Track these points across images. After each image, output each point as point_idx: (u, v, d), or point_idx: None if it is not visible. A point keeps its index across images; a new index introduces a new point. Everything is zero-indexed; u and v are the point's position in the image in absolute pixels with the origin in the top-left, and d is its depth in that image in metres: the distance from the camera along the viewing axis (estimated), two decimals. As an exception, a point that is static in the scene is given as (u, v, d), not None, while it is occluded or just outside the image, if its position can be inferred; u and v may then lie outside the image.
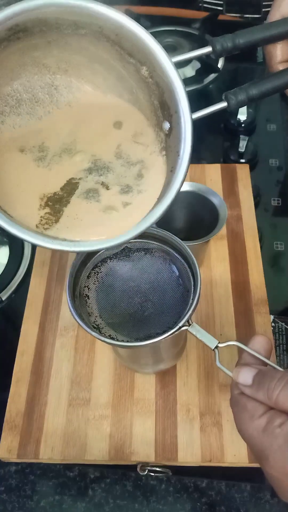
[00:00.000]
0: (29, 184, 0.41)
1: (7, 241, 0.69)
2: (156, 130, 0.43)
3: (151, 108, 0.42)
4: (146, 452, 0.49)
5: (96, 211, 0.41)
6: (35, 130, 0.43)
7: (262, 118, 0.85)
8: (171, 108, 0.40)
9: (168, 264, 0.47)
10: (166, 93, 0.39)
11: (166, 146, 0.43)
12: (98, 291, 0.46)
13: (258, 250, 0.64)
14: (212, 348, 0.41)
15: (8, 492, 0.50)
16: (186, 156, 0.39)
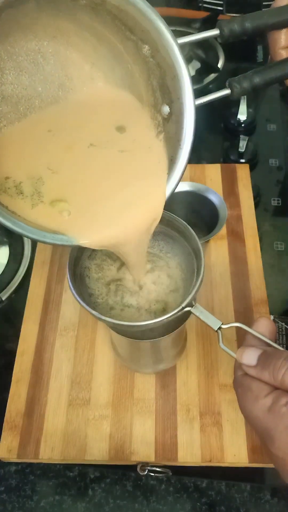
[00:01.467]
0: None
1: (7, 241, 0.69)
2: (152, 111, 0.41)
3: (147, 87, 0.40)
4: (146, 452, 0.49)
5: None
6: (20, 98, 0.40)
7: (262, 118, 0.85)
8: (173, 94, 0.37)
9: (171, 246, 0.46)
10: (168, 77, 0.37)
11: (164, 130, 0.40)
12: (99, 273, 0.45)
13: (258, 250, 0.64)
14: (215, 329, 0.40)
15: (8, 492, 0.50)
16: (188, 146, 0.37)
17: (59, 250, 0.65)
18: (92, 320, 0.59)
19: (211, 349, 0.56)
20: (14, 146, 0.40)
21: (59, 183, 0.39)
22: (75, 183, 0.39)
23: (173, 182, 0.39)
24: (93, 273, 0.45)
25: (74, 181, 0.39)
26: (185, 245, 0.45)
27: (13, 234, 0.70)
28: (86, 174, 0.39)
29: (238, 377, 0.37)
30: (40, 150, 0.40)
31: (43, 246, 0.66)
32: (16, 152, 0.39)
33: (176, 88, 0.37)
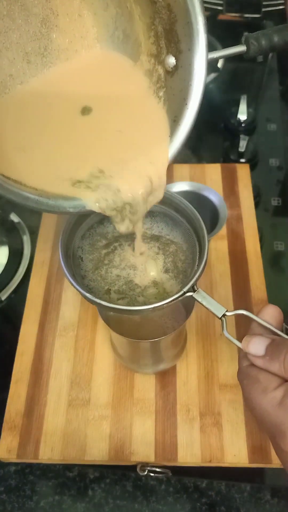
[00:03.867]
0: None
1: (7, 241, 0.69)
2: (151, 62, 0.36)
3: (149, 33, 0.35)
4: (146, 452, 0.49)
5: None
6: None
7: (262, 118, 0.85)
8: (182, 43, 0.33)
9: (171, 228, 0.43)
10: (179, 22, 0.32)
11: (166, 86, 0.36)
12: (93, 254, 0.42)
13: (258, 250, 0.64)
14: (219, 317, 0.37)
15: (7, 492, 0.50)
16: (195, 104, 0.33)
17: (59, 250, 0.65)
18: (92, 320, 0.59)
19: (211, 349, 0.56)
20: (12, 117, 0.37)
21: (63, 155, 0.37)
22: (79, 155, 0.37)
23: (175, 145, 0.35)
24: (86, 254, 0.42)
25: (76, 152, 0.37)
26: (187, 227, 0.42)
27: (13, 234, 0.70)
28: (86, 144, 0.37)
29: (243, 368, 0.35)
30: (39, 122, 0.38)
31: (43, 246, 0.66)
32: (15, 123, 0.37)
33: (187, 37, 0.32)
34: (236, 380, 0.53)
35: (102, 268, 0.42)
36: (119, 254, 0.43)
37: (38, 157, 0.36)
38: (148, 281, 0.42)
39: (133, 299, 0.41)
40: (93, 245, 0.43)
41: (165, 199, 0.42)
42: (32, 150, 0.36)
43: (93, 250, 0.43)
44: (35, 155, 0.36)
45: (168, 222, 0.44)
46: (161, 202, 0.42)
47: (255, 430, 0.50)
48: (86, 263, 0.42)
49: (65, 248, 0.40)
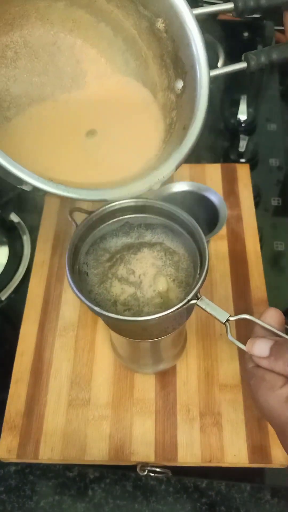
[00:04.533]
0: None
1: (7, 241, 0.69)
2: (165, 96, 0.41)
3: (161, 70, 0.41)
4: (146, 452, 0.49)
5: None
6: (31, 85, 0.41)
7: (262, 118, 0.85)
8: (186, 64, 0.38)
9: (171, 239, 0.45)
10: (181, 49, 0.38)
11: (177, 107, 0.41)
12: (98, 269, 0.44)
13: (258, 250, 0.64)
14: (223, 322, 0.38)
15: (7, 492, 0.50)
16: (202, 111, 0.38)
17: (58, 250, 0.65)
18: (92, 320, 0.59)
19: (211, 349, 0.56)
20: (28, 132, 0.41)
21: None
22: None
23: (188, 142, 0.39)
24: (91, 269, 0.44)
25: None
26: (186, 237, 0.44)
27: (13, 234, 0.70)
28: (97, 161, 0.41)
29: (249, 369, 0.37)
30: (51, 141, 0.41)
31: (43, 246, 0.66)
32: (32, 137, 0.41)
33: (190, 56, 0.37)
34: (236, 380, 0.53)
35: (107, 282, 0.44)
36: (122, 267, 0.44)
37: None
38: (153, 292, 0.43)
39: (139, 309, 0.42)
40: (97, 260, 0.45)
41: (165, 211, 0.44)
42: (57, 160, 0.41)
43: (97, 264, 0.44)
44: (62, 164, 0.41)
45: (168, 233, 0.46)
46: (161, 214, 0.44)
47: (255, 430, 0.50)
48: (92, 277, 0.43)
49: (72, 265, 0.41)
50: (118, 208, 0.44)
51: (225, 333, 0.38)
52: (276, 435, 0.49)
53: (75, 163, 0.40)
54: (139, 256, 0.45)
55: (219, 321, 0.38)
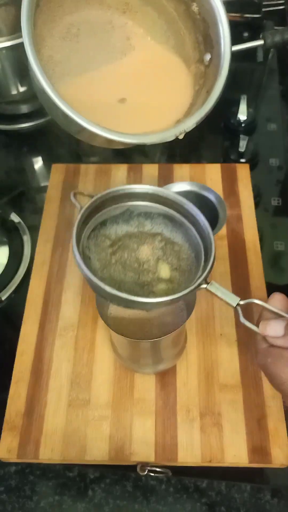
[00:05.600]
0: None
1: (7, 241, 0.69)
2: (197, 67, 0.51)
3: (195, 45, 0.51)
4: (146, 452, 0.49)
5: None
6: (87, 57, 0.50)
7: (262, 118, 0.85)
8: (214, 40, 0.48)
9: (170, 229, 0.47)
10: (211, 27, 0.48)
11: (205, 75, 0.50)
12: (100, 254, 0.45)
13: (258, 250, 0.64)
14: (234, 305, 0.40)
15: (8, 492, 0.50)
16: (223, 77, 0.47)
17: (59, 251, 0.65)
18: (92, 320, 0.59)
19: (211, 349, 0.56)
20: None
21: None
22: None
23: (210, 102, 0.47)
24: (93, 254, 0.45)
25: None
26: (188, 226, 0.45)
27: (13, 234, 0.70)
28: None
29: (264, 349, 0.39)
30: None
31: (43, 247, 0.66)
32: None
33: (217, 33, 0.47)
34: (236, 380, 0.53)
35: (110, 268, 0.44)
36: (125, 254, 0.45)
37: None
38: (157, 280, 0.44)
39: (145, 296, 0.42)
40: (98, 246, 0.45)
41: (167, 200, 0.45)
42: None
43: (99, 250, 0.45)
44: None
45: (167, 223, 0.47)
46: (163, 203, 0.46)
47: (255, 430, 0.50)
48: (94, 262, 0.44)
49: (78, 246, 0.42)
50: (121, 193, 0.46)
51: (237, 318, 0.40)
52: (276, 435, 0.49)
53: (112, 123, 0.46)
54: (140, 245, 0.45)
55: (230, 305, 0.40)
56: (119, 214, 0.47)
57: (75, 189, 0.61)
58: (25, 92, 0.84)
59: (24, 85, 0.83)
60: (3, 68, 0.79)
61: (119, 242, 0.46)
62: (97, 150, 0.83)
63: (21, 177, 0.82)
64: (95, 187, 0.72)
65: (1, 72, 0.80)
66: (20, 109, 0.87)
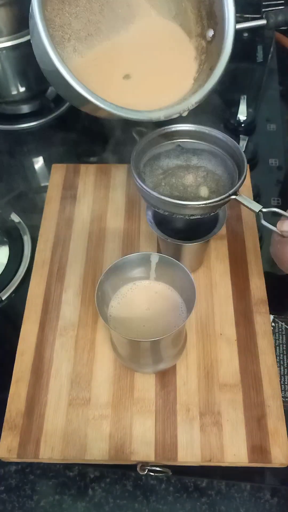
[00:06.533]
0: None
1: (7, 241, 0.69)
2: (198, 41, 0.52)
3: (197, 18, 0.52)
4: (146, 452, 0.49)
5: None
6: (88, 22, 0.52)
7: (262, 118, 0.85)
8: (218, 17, 0.49)
9: (213, 162, 0.57)
10: (216, 3, 0.48)
11: (207, 51, 0.52)
12: (152, 178, 0.56)
13: (258, 250, 0.64)
14: (256, 211, 0.51)
15: (8, 492, 0.50)
16: (225, 58, 0.49)
17: (59, 250, 0.65)
18: (92, 320, 0.59)
19: (211, 349, 0.56)
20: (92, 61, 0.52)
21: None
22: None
23: (213, 80, 0.50)
24: (147, 177, 0.55)
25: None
26: (226, 157, 0.56)
27: (13, 234, 0.70)
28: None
29: (277, 240, 0.53)
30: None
31: (43, 246, 0.66)
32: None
33: (222, 10, 0.48)
34: (236, 380, 0.53)
35: (160, 187, 0.55)
36: (173, 179, 0.55)
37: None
38: (197, 198, 0.54)
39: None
40: (152, 172, 0.56)
41: (209, 136, 0.56)
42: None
43: (152, 175, 0.56)
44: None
45: (211, 159, 0.57)
46: (206, 140, 0.57)
47: (255, 430, 0.50)
48: (148, 183, 0.54)
49: (136, 166, 0.53)
50: (173, 130, 0.57)
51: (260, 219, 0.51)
52: (276, 435, 0.49)
53: (118, 98, 0.49)
54: (186, 173, 0.56)
55: (253, 211, 0.51)
56: (172, 149, 0.58)
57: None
58: (25, 92, 0.85)
59: (24, 85, 0.84)
60: (3, 68, 0.79)
61: (169, 171, 0.56)
62: (97, 150, 0.83)
63: (21, 177, 0.82)
64: (95, 187, 0.72)
65: (1, 72, 0.80)
66: (20, 109, 0.87)
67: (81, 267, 0.64)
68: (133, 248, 0.65)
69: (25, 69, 0.81)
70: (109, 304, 0.52)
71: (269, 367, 0.54)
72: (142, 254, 0.52)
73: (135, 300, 0.53)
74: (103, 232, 0.67)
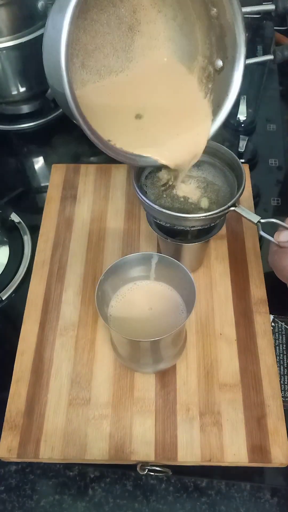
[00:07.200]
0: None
1: (7, 241, 0.69)
2: (204, 63, 0.52)
3: (205, 40, 0.51)
4: (146, 451, 0.49)
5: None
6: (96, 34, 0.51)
7: (262, 118, 0.85)
8: (228, 52, 0.48)
9: (213, 174, 0.58)
10: (228, 37, 0.48)
11: (214, 80, 0.51)
12: (154, 190, 0.56)
13: (258, 250, 0.64)
14: (255, 222, 0.52)
15: (8, 491, 0.50)
16: (233, 96, 0.49)
17: (59, 250, 0.65)
18: (92, 320, 0.59)
19: (211, 349, 0.56)
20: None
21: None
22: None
23: (218, 121, 0.51)
24: (149, 189, 0.56)
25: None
26: (225, 169, 0.57)
27: (13, 234, 0.70)
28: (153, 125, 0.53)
29: (274, 250, 0.53)
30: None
31: (43, 246, 0.66)
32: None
33: (233, 50, 0.47)
34: (236, 380, 0.53)
35: (161, 199, 0.55)
36: (174, 191, 0.56)
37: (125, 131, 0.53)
38: (197, 209, 0.55)
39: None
40: (153, 184, 0.57)
41: (208, 148, 0.55)
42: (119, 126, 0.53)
43: (153, 187, 0.57)
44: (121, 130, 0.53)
45: (210, 170, 0.58)
46: (206, 152, 0.56)
47: (255, 430, 0.50)
48: (149, 195, 0.56)
49: (137, 180, 0.55)
50: None
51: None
52: (275, 434, 0.49)
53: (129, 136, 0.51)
54: (187, 184, 0.57)
55: (252, 222, 0.52)
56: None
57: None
58: (26, 92, 0.85)
59: (24, 85, 0.84)
60: (3, 68, 0.79)
61: (170, 182, 0.56)
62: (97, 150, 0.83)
63: (21, 177, 0.82)
64: (95, 187, 0.72)
65: (1, 72, 0.80)
66: (20, 109, 0.87)
67: (81, 267, 0.64)
68: (133, 248, 0.65)
69: (25, 69, 0.81)
70: (109, 304, 0.52)
71: (269, 367, 0.54)
72: (142, 254, 0.52)
73: (135, 300, 0.53)
74: (103, 232, 0.67)
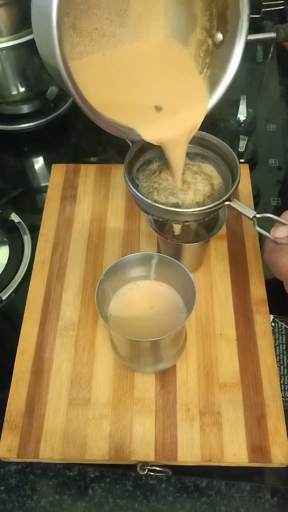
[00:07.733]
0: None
1: (7, 241, 0.70)
2: (203, 35, 0.50)
3: (205, 11, 0.49)
4: (146, 451, 0.49)
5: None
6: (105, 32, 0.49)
7: (262, 118, 0.85)
8: (230, 25, 0.46)
9: (208, 166, 0.57)
10: (230, 11, 0.46)
11: (212, 54, 0.49)
12: (146, 183, 0.55)
13: (258, 250, 0.64)
14: (250, 217, 0.50)
15: (8, 491, 0.50)
16: (232, 73, 0.47)
17: (59, 250, 0.65)
18: (92, 320, 0.59)
19: (211, 349, 0.56)
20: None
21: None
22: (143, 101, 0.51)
23: (215, 97, 0.49)
24: (141, 182, 0.55)
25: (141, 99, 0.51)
26: (220, 162, 0.56)
27: (13, 234, 0.70)
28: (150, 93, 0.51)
29: (270, 247, 0.51)
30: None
31: (43, 246, 0.66)
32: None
33: (235, 23, 0.46)
34: (236, 380, 0.53)
35: (154, 193, 0.54)
36: (167, 184, 0.55)
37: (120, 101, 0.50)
38: (192, 202, 0.53)
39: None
40: (146, 177, 0.55)
41: (203, 140, 0.56)
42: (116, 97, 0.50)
43: (146, 180, 0.55)
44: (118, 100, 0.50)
45: (204, 161, 0.57)
46: (200, 144, 0.56)
47: (255, 430, 0.50)
48: (141, 189, 0.54)
49: (129, 172, 0.53)
50: None
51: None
52: (275, 434, 0.49)
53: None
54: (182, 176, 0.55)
55: (248, 217, 0.50)
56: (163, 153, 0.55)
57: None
58: (25, 92, 0.85)
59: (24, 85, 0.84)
60: (3, 68, 0.79)
61: (163, 176, 0.55)
62: (97, 150, 0.83)
63: (21, 177, 0.82)
64: (95, 187, 0.72)
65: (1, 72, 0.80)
66: (20, 109, 0.87)
67: (81, 267, 0.64)
68: (133, 248, 0.65)
69: (25, 69, 0.81)
70: (109, 304, 0.52)
71: (269, 367, 0.54)
72: (142, 254, 0.52)
73: (135, 300, 0.53)
74: (103, 232, 0.67)
